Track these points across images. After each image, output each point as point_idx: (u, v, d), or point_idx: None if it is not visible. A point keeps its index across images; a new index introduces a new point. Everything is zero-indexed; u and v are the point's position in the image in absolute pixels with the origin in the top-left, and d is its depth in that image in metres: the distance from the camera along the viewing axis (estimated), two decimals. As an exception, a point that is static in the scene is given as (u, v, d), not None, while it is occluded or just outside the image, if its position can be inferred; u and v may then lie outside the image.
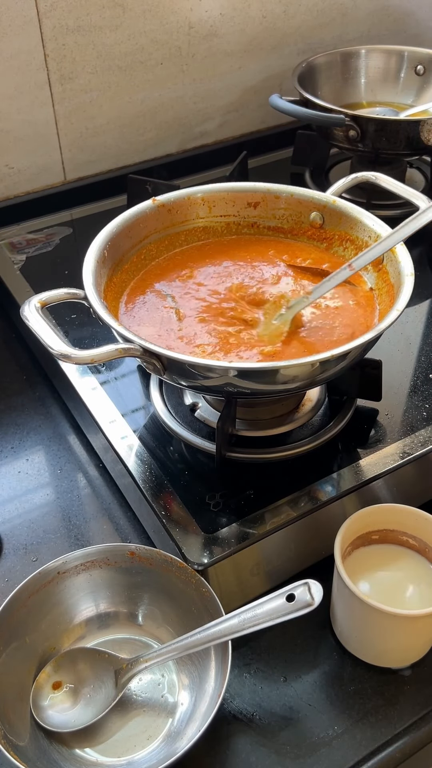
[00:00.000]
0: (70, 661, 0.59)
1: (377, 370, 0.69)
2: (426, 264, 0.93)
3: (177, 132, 1.14)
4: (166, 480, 0.66)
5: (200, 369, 0.58)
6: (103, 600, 0.62)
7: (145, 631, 0.62)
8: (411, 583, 0.61)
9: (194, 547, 0.61)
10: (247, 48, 1.13)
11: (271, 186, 0.76)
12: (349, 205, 0.73)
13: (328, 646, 0.62)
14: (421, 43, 1.16)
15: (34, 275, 0.91)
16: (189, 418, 0.71)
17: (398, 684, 0.59)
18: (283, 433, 0.69)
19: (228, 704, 0.58)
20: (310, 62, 1.09)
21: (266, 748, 0.56)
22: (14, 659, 0.57)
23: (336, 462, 0.68)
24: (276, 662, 0.61)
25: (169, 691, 0.59)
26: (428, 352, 0.80)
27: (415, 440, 0.69)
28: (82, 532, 0.70)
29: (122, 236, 0.71)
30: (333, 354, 0.57)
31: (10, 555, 0.68)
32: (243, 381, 0.58)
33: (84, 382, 0.76)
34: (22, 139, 1.01)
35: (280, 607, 0.54)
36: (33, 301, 0.61)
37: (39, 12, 0.93)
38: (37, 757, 0.53)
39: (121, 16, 0.99)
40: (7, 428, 0.81)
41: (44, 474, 0.76)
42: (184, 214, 0.76)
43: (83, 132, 1.06)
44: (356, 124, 0.97)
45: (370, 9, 1.21)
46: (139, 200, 0.75)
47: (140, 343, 0.58)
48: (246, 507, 0.64)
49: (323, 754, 0.55)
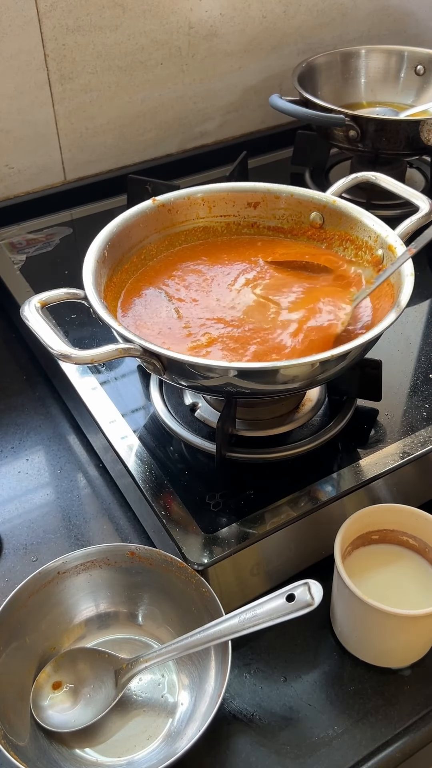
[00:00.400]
0: (70, 661, 0.59)
1: (377, 370, 0.69)
2: (426, 264, 0.93)
3: (177, 132, 1.14)
4: (166, 480, 0.66)
5: (200, 369, 0.58)
6: (103, 600, 0.62)
7: (145, 631, 0.62)
8: (411, 583, 0.61)
9: (194, 547, 0.61)
10: (247, 48, 1.13)
11: (271, 186, 0.76)
12: (349, 205, 0.73)
13: (328, 646, 0.62)
14: (421, 43, 1.16)
15: (34, 275, 0.91)
16: (189, 418, 0.71)
17: (398, 684, 0.59)
18: (283, 433, 0.69)
19: (228, 704, 0.58)
20: (310, 62, 1.09)
21: (266, 748, 0.56)
22: (14, 659, 0.57)
23: (336, 462, 0.68)
24: (276, 662, 0.61)
25: (169, 691, 0.59)
26: (428, 352, 0.80)
27: (415, 440, 0.69)
28: (82, 532, 0.70)
29: (122, 236, 0.71)
30: (333, 354, 0.57)
31: (10, 555, 0.68)
32: (243, 381, 0.58)
33: (84, 382, 0.76)
34: (22, 139, 1.01)
35: (280, 607, 0.54)
36: (33, 301, 0.61)
37: (39, 12, 0.93)
38: (37, 757, 0.53)
39: (121, 16, 0.99)
40: (7, 428, 0.81)
41: (44, 474, 0.76)
42: (184, 214, 0.76)
43: (83, 132, 1.06)
44: (356, 124, 0.97)
45: (370, 9, 1.21)
46: (139, 200, 0.75)
47: (140, 343, 0.58)
48: (246, 507, 0.64)
49: (323, 754, 0.55)
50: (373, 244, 0.71)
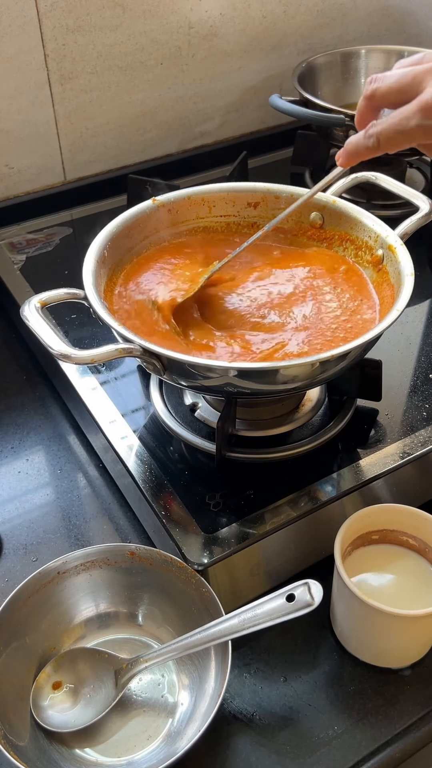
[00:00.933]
0: (70, 661, 0.59)
1: (377, 370, 0.69)
2: (426, 264, 0.93)
3: (177, 132, 1.14)
4: (166, 480, 0.66)
5: (200, 369, 0.58)
6: (103, 600, 0.62)
7: (145, 631, 0.62)
8: (411, 583, 0.61)
9: (194, 547, 0.61)
10: (247, 48, 1.13)
11: (271, 186, 0.76)
12: (349, 205, 0.73)
13: (328, 646, 0.62)
14: (421, 43, 1.16)
15: (34, 275, 0.91)
16: (189, 418, 0.71)
17: (398, 684, 0.59)
18: (283, 433, 0.69)
19: (228, 704, 0.58)
20: (310, 62, 1.09)
21: (266, 748, 0.56)
22: (14, 659, 0.57)
23: (336, 462, 0.68)
24: (276, 662, 0.61)
25: (169, 691, 0.59)
26: (428, 352, 0.80)
27: (415, 440, 0.69)
28: (82, 532, 0.70)
29: (122, 236, 0.71)
30: (333, 354, 0.57)
31: (10, 555, 0.68)
32: (243, 381, 0.58)
33: (84, 382, 0.76)
34: (22, 139, 1.01)
35: (280, 607, 0.54)
36: (33, 301, 0.61)
37: (39, 12, 0.93)
38: (37, 757, 0.53)
39: (121, 16, 0.99)
40: (7, 428, 0.81)
41: (44, 474, 0.76)
42: (184, 214, 0.76)
43: (83, 132, 1.06)
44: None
45: (370, 9, 1.21)
46: (139, 200, 0.75)
47: (140, 343, 0.58)
48: (246, 507, 0.64)
49: (323, 754, 0.55)
50: (373, 244, 0.71)
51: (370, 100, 0.55)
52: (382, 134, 0.54)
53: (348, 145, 0.57)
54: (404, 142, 0.54)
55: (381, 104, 0.55)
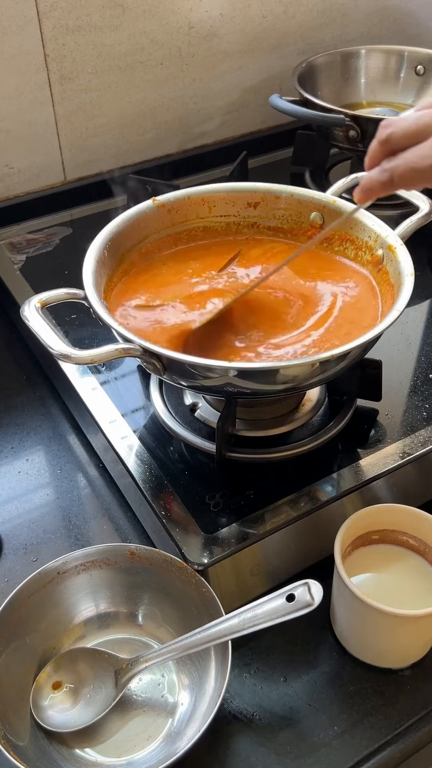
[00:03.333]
0: (70, 661, 0.59)
1: (377, 370, 0.69)
2: (426, 264, 0.93)
3: (177, 132, 1.14)
4: (166, 480, 0.66)
5: (200, 369, 0.58)
6: (103, 600, 0.62)
7: (145, 631, 0.62)
8: (411, 583, 0.61)
9: (194, 547, 0.61)
10: (247, 48, 1.13)
11: (271, 186, 0.76)
12: (349, 205, 0.73)
13: (328, 646, 0.62)
14: (421, 43, 1.16)
15: (34, 275, 0.91)
16: (189, 418, 0.71)
17: (398, 684, 0.59)
18: (283, 433, 0.69)
19: (228, 704, 0.58)
20: (310, 62, 1.09)
21: (266, 748, 0.56)
22: (14, 659, 0.57)
23: (336, 462, 0.68)
24: (276, 662, 0.61)
25: (169, 691, 0.59)
26: (428, 352, 0.80)
27: (415, 440, 0.69)
28: (82, 532, 0.70)
29: (122, 236, 0.71)
30: (333, 354, 0.57)
31: (10, 555, 0.68)
32: (243, 381, 0.58)
33: (84, 382, 0.76)
34: (22, 139, 1.01)
35: (280, 607, 0.54)
36: (33, 301, 0.61)
37: (39, 12, 0.93)
38: (37, 757, 0.53)
39: (121, 16, 0.99)
40: (7, 428, 0.81)
41: (44, 474, 0.76)
42: (184, 214, 0.76)
43: (83, 132, 1.06)
44: (356, 124, 0.97)
45: (370, 9, 1.21)
46: (139, 200, 0.75)
47: (140, 343, 0.58)
48: (246, 507, 0.64)
49: (323, 754, 0.55)
50: (373, 244, 0.71)
51: (384, 145, 0.54)
52: (396, 170, 0.53)
53: (363, 181, 0.56)
54: (418, 181, 0.52)
55: (396, 148, 0.53)
